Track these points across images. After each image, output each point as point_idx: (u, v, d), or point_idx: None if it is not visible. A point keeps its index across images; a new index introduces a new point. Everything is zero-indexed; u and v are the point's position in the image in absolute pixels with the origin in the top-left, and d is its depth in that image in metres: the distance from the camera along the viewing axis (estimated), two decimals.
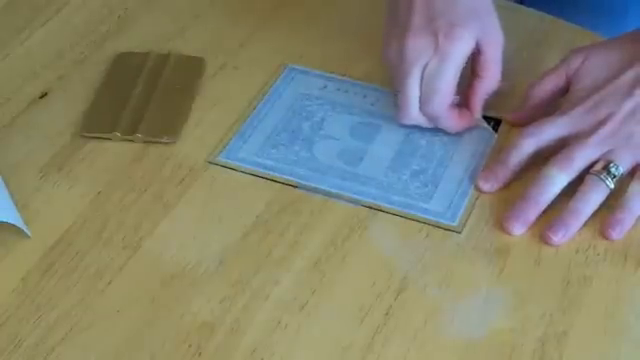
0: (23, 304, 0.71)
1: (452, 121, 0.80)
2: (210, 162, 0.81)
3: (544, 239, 0.74)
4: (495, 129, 0.84)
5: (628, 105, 0.76)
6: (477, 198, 0.78)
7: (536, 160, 0.77)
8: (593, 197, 0.74)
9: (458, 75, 0.78)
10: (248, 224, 0.76)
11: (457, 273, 0.73)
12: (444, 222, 0.76)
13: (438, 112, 0.79)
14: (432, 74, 0.78)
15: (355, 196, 0.78)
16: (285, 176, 0.80)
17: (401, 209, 0.77)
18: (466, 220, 0.76)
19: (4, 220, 0.74)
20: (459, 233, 0.75)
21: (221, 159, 0.82)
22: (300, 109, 0.86)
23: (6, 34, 0.94)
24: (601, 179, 0.74)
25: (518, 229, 0.74)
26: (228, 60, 0.91)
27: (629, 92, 0.76)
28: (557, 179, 0.74)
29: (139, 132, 0.83)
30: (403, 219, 0.76)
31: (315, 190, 0.79)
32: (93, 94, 0.87)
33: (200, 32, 0.94)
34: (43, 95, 0.88)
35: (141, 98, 0.86)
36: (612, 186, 0.74)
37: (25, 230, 0.75)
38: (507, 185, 0.78)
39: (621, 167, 0.75)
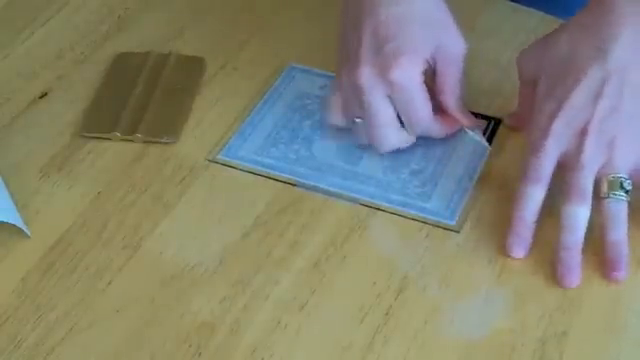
0: (23, 304, 0.71)
1: (438, 129, 0.80)
2: (210, 160, 0.81)
3: (612, 279, 0.72)
4: (495, 129, 0.84)
5: (601, 106, 0.74)
6: (476, 198, 0.78)
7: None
8: (623, 219, 0.73)
9: (424, 93, 0.77)
10: (248, 224, 0.76)
11: (457, 273, 0.73)
12: (442, 221, 0.76)
13: (427, 130, 0.80)
14: (402, 107, 0.77)
15: (354, 195, 0.78)
16: (284, 174, 0.80)
17: (400, 208, 0.77)
18: (464, 220, 0.76)
19: (4, 220, 0.74)
20: (457, 232, 0.75)
21: (221, 157, 0.82)
22: (301, 108, 0.86)
23: (6, 34, 0.94)
24: (621, 200, 0.73)
25: (576, 280, 0.72)
26: (228, 60, 0.91)
27: (598, 93, 0.74)
28: (581, 214, 0.73)
29: (139, 132, 0.83)
30: (403, 219, 0.76)
31: (314, 189, 0.79)
32: (93, 94, 0.87)
33: (200, 32, 0.94)
34: (43, 95, 0.88)
35: (141, 98, 0.86)
36: (629, 199, 0.74)
37: (25, 230, 0.75)
38: (503, 185, 0.77)
39: (627, 175, 0.74)
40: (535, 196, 0.74)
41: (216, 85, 0.89)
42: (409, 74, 0.76)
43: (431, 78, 0.79)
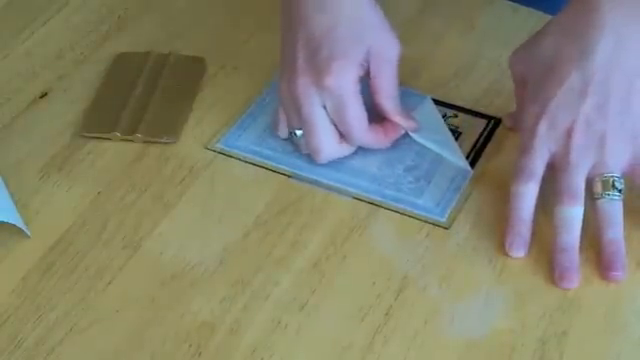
0: (23, 304, 0.71)
1: (375, 139, 0.80)
2: (208, 149, 0.81)
3: (610, 279, 0.72)
4: (494, 128, 0.84)
5: (586, 104, 0.74)
6: (476, 197, 0.78)
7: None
8: (618, 218, 0.74)
9: (358, 99, 0.77)
10: (248, 224, 0.76)
11: (457, 273, 0.73)
12: (433, 218, 0.76)
13: (363, 140, 0.79)
14: (336, 114, 0.77)
15: (349, 188, 0.78)
16: (281, 166, 0.80)
17: (392, 203, 0.77)
18: (455, 217, 0.76)
19: (4, 220, 0.74)
20: (447, 229, 0.75)
21: (220, 146, 0.82)
22: None
23: (6, 34, 0.94)
24: (615, 199, 0.74)
25: (574, 281, 0.72)
26: (228, 60, 0.91)
27: (582, 92, 0.74)
28: (575, 214, 0.73)
29: (139, 132, 0.83)
30: (403, 219, 0.76)
31: (309, 181, 0.79)
32: (93, 94, 0.87)
33: (200, 32, 0.94)
34: (43, 95, 0.88)
35: (141, 98, 0.86)
36: (623, 197, 0.74)
37: (25, 230, 0.75)
38: (502, 184, 0.77)
39: (618, 174, 0.74)
40: (528, 194, 0.74)
41: (216, 85, 0.89)
42: (342, 80, 0.76)
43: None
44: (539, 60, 0.77)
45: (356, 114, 0.78)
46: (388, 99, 0.79)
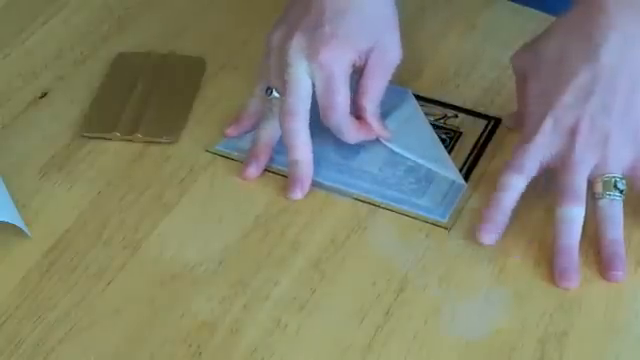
0: (23, 304, 0.71)
1: (350, 127, 0.79)
2: (208, 151, 0.81)
3: (611, 280, 0.72)
4: (494, 128, 0.84)
5: (591, 103, 0.74)
6: (476, 198, 0.78)
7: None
8: (619, 218, 0.74)
9: (347, 83, 0.77)
10: (248, 224, 0.76)
11: (457, 273, 0.73)
12: (434, 218, 0.76)
13: (341, 125, 0.79)
14: (321, 89, 0.77)
15: (348, 189, 0.78)
16: (281, 166, 0.80)
17: (393, 203, 0.77)
18: (457, 218, 0.76)
19: (4, 220, 0.74)
20: (447, 229, 0.75)
21: (220, 148, 0.82)
22: None
23: (6, 34, 0.94)
24: (615, 200, 0.74)
25: (575, 281, 0.72)
26: (228, 60, 0.91)
27: (589, 92, 0.74)
28: (576, 214, 0.73)
29: (139, 132, 0.83)
30: (403, 219, 0.76)
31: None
32: (93, 94, 0.87)
33: (200, 32, 0.94)
34: (43, 95, 0.88)
35: (141, 98, 0.86)
36: (623, 197, 0.74)
37: (25, 230, 0.75)
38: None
39: (620, 175, 0.74)
40: (514, 186, 0.74)
41: (216, 85, 0.89)
42: (335, 57, 0.77)
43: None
44: (545, 60, 0.77)
45: (344, 96, 0.77)
46: (372, 103, 0.79)
